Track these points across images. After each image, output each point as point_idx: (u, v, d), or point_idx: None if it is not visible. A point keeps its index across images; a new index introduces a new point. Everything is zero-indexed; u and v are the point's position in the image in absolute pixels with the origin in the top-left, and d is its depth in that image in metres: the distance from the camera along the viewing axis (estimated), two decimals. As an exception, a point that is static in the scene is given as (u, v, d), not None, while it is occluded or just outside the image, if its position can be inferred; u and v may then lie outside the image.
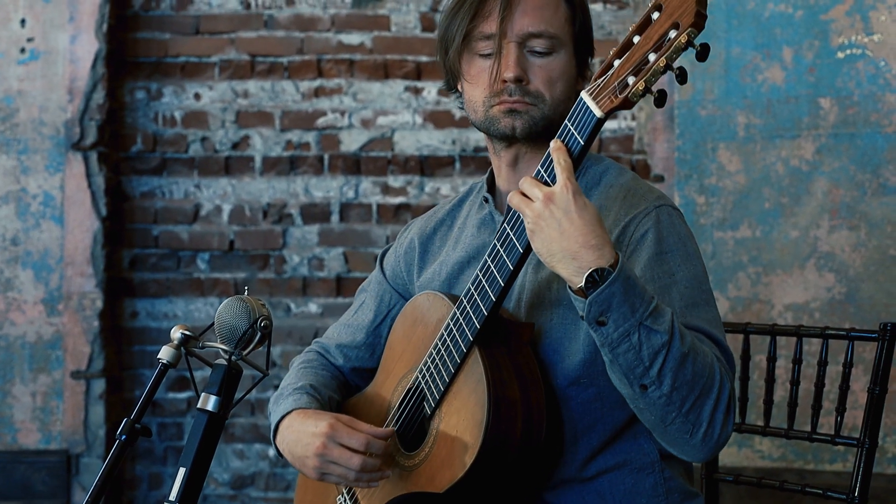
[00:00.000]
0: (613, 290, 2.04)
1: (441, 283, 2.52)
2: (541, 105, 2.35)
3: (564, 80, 2.37)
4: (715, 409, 2.13)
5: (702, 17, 1.98)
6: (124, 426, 2.17)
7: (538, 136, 2.37)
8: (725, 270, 4.58)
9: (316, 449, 2.33)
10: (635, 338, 2.06)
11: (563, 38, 2.37)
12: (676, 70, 1.99)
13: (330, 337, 2.70)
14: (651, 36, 2.02)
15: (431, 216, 2.65)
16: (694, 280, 2.26)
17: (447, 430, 2.26)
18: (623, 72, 2.04)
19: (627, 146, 4.92)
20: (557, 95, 2.36)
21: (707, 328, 2.22)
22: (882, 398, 2.67)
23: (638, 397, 2.11)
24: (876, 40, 4.47)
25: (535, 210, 2.07)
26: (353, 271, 5.00)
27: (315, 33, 5.05)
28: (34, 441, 4.91)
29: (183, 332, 2.21)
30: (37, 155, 4.90)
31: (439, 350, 2.30)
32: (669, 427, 2.13)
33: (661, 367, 2.07)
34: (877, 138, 4.46)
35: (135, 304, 5.08)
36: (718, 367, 2.15)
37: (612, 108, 2.06)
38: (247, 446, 5.05)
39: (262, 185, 5.05)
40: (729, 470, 3.49)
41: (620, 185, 2.37)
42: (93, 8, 4.90)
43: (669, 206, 2.34)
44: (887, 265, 4.42)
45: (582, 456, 2.32)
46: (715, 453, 2.19)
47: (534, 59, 2.36)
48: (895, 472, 4.43)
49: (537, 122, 2.36)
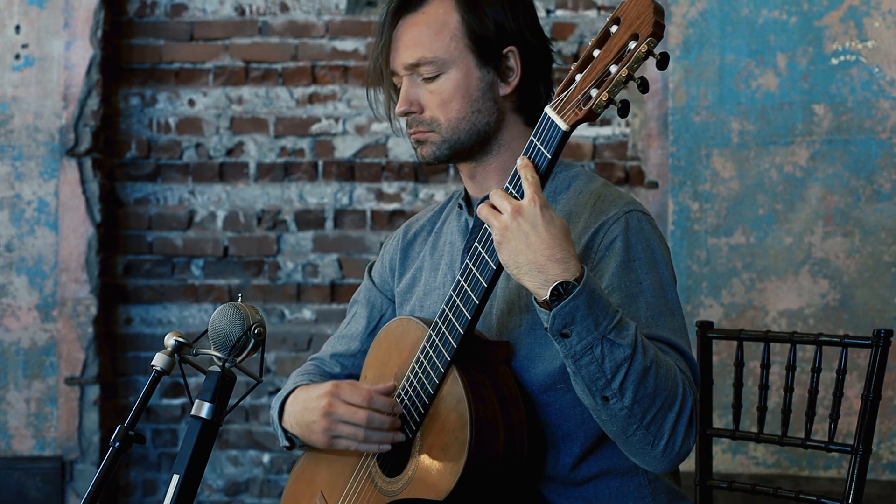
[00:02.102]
0: (577, 303, 2.05)
1: (419, 290, 2.53)
2: (438, 129, 2.39)
3: (460, 96, 2.37)
4: (677, 422, 2.14)
5: (660, 27, 2.02)
6: (118, 433, 2.17)
7: (454, 157, 2.41)
8: (719, 277, 4.58)
9: (322, 409, 2.33)
10: (598, 351, 2.08)
11: (448, 56, 2.36)
12: (638, 80, 2.03)
13: (324, 350, 2.70)
14: (611, 48, 2.06)
15: (415, 221, 2.67)
16: (660, 289, 2.27)
17: (430, 452, 2.27)
18: (585, 85, 2.07)
19: (621, 153, 4.92)
20: (455, 115, 2.37)
21: (672, 339, 2.24)
22: (876, 404, 2.67)
23: (600, 408, 2.13)
24: (870, 47, 4.47)
25: (502, 222, 2.09)
26: (348, 278, 5.00)
27: (309, 40, 5.05)
28: (28, 447, 4.90)
29: (177, 339, 2.21)
30: (31, 161, 4.90)
31: (416, 373, 2.30)
32: (630, 438, 2.15)
33: (623, 380, 2.09)
34: (871, 145, 4.46)
35: (129, 311, 5.07)
36: (682, 380, 2.16)
37: (577, 121, 2.08)
38: (241, 453, 5.05)
39: (256, 191, 5.05)
40: (723, 476, 3.49)
41: (591, 191, 2.38)
42: (87, 14, 4.90)
43: (639, 211, 2.34)
44: (881, 272, 4.43)
45: (565, 463, 2.32)
46: (676, 464, 2.20)
47: (425, 84, 2.39)
48: (889, 478, 4.43)
49: (440, 147, 2.39)
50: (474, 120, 2.38)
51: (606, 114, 4.91)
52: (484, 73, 2.38)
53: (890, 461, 4.43)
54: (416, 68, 2.39)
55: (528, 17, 2.41)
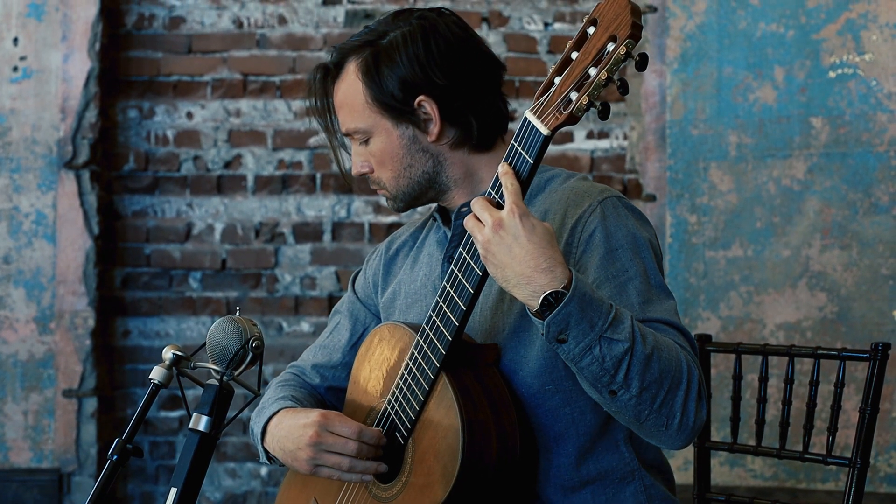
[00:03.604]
0: (569, 310, 2.05)
1: (400, 303, 2.53)
2: (386, 187, 2.46)
3: (389, 158, 2.41)
4: (686, 399, 2.15)
5: (638, 28, 2.00)
6: (116, 446, 2.17)
7: (413, 205, 2.47)
8: (717, 290, 4.58)
9: (309, 438, 2.32)
10: (597, 350, 2.07)
11: (366, 125, 2.40)
12: (618, 82, 2.01)
13: (305, 360, 2.70)
14: (589, 51, 2.05)
15: (397, 237, 2.67)
16: (646, 273, 2.28)
17: (422, 459, 2.27)
18: (565, 88, 2.06)
19: (619, 166, 4.92)
20: (391, 174, 2.43)
21: (667, 318, 2.24)
22: (874, 417, 2.67)
23: (609, 402, 2.14)
24: (867, 60, 4.48)
25: (485, 236, 2.09)
26: (345, 291, 5.00)
27: (307, 52, 5.06)
28: (26, 460, 4.90)
29: (174, 353, 2.21)
30: (29, 173, 4.90)
31: (406, 379, 2.30)
32: (644, 423, 2.15)
33: (627, 372, 2.09)
34: (868, 158, 4.47)
35: (127, 323, 5.07)
36: (684, 357, 2.17)
37: (557, 125, 2.07)
38: (238, 465, 5.04)
39: (254, 203, 5.05)
40: (721, 489, 3.49)
41: (564, 188, 2.38)
42: (85, 27, 4.90)
43: (614, 196, 2.35)
44: (879, 284, 4.43)
45: (560, 464, 2.32)
46: (692, 439, 2.21)
47: (365, 147, 2.44)
48: (888, 491, 4.43)
49: (396, 201, 2.46)
50: (409, 175, 2.42)
51: (605, 126, 4.92)
52: (403, 130, 2.40)
53: (888, 474, 4.43)
54: (351, 136, 2.45)
55: (434, 58, 2.37)
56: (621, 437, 2.35)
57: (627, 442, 2.36)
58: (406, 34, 2.37)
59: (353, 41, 2.43)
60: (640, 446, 2.38)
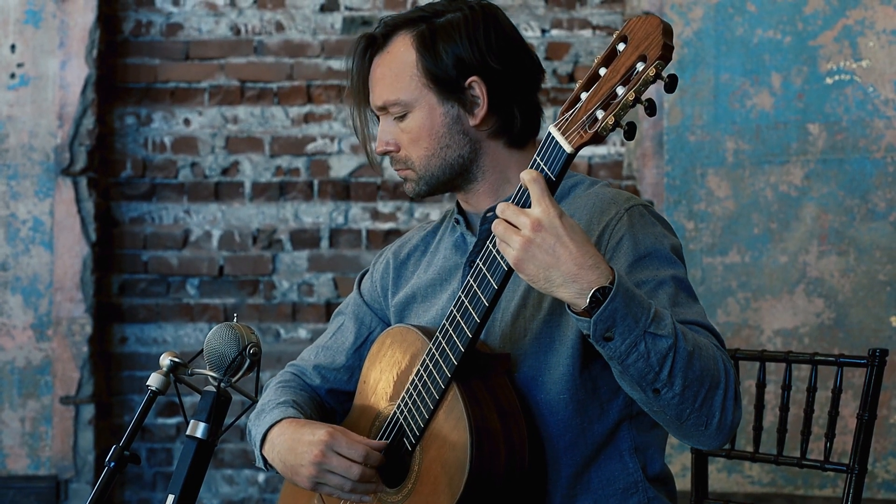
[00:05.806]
0: (616, 305, 2.03)
1: (414, 307, 2.52)
2: (413, 167, 2.41)
3: (427, 135, 2.39)
4: (725, 398, 2.14)
5: (669, 49, 1.96)
6: (113, 453, 2.17)
7: (435, 191, 2.44)
8: (714, 296, 4.58)
9: (314, 457, 2.30)
10: (642, 346, 2.06)
11: (410, 97, 2.38)
12: (645, 102, 1.98)
13: (306, 360, 2.68)
14: (618, 69, 2.01)
15: (406, 241, 2.64)
16: (676, 278, 2.27)
17: (430, 467, 2.26)
18: (591, 106, 2.03)
19: (617, 172, 4.93)
20: (424, 153, 2.39)
21: (700, 320, 2.23)
22: (871, 424, 2.67)
23: (652, 401, 2.12)
24: (864, 66, 4.48)
25: (524, 237, 2.05)
26: (343, 297, 5.00)
27: (304, 59, 5.06)
28: (23, 467, 4.89)
29: (172, 359, 2.21)
30: (26, 180, 4.90)
31: (416, 387, 2.29)
32: (685, 423, 2.14)
33: (671, 369, 2.07)
34: (865, 164, 4.47)
35: (124, 330, 5.07)
36: (720, 356, 2.16)
37: (582, 144, 2.06)
38: (236, 472, 5.04)
39: (251, 210, 5.05)
40: (719, 495, 3.49)
41: (589, 194, 2.38)
42: (83, 34, 4.90)
43: (640, 204, 2.34)
44: (876, 290, 4.43)
45: (566, 475, 2.32)
46: (728, 439, 2.21)
47: (397, 123, 2.41)
48: (885, 497, 4.43)
49: (418, 183, 2.42)
50: (444, 155, 2.39)
51: (601, 133, 4.92)
52: (448, 108, 2.38)
53: (885, 480, 4.43)
54: (386, 109, 2.41)
55: (491, 43, 2.39)
56: (626, 448, 2.34)
57: (633, 454, 2.34)
58: (467, 16, 2.37)
59: (404, 15, 2.43)
60: (645, 459, 2.37)
